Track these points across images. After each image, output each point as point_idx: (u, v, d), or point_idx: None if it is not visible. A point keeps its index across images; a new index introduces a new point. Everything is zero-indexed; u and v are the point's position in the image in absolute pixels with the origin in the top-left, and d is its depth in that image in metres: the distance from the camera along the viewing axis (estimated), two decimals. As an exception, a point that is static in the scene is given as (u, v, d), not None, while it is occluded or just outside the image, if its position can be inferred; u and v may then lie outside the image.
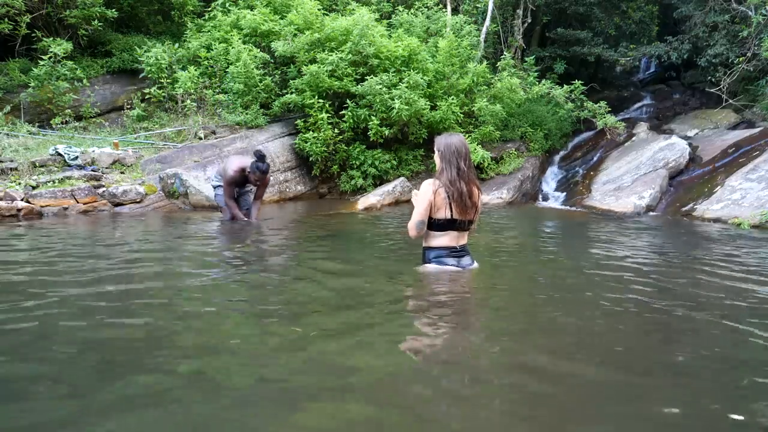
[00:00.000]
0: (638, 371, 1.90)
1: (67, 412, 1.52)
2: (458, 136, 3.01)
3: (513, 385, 1.75)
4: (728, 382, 1.83)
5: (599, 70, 15.28)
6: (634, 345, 2.19)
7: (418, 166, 9.39)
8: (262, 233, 4.97)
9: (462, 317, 2.49)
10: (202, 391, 1.67)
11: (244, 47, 8.63)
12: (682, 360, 2.02)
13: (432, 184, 2.88)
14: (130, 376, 1.76)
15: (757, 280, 3.37)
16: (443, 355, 2.01)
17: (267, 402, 1.61)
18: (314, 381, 1.73)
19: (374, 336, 2.15)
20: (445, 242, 2.99)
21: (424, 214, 2.91)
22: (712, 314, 2.58)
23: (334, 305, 2.59)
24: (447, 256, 3.00)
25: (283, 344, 2.06)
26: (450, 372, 1.84)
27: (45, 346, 2.02)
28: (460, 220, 2.94)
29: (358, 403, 1.59)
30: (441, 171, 2.92)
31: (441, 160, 2.94)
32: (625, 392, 1.72)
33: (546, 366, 1.89)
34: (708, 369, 1.93)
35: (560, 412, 1.57)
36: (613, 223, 6.55)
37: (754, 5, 9.91)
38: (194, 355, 1.98)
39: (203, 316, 2.42)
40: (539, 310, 2.63)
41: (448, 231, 2.96)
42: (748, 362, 2.02)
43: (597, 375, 1.85)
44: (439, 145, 2.97)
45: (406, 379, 1.77)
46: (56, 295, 2.69)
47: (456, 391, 1.68)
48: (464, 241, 3.06)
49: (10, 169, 6.48)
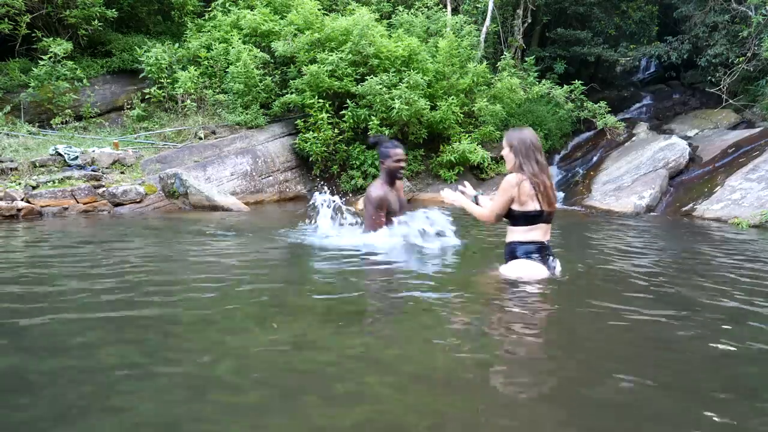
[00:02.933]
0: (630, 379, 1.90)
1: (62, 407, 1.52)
2: (529, 129, 3.02)
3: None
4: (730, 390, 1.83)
5: (599, 70, 15.27)
6: (633, 348, 2.19)
7: (418, 166, 9.39)
8: (265, 233, 4.97)
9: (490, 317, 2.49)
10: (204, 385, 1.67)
11: (244, 47, 8.62)
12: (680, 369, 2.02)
13: (515, 177, 2.87)
14: (129, 374, 1.76)
15: (758, 279, 3.37)
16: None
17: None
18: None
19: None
20: (536, 236, 2.96)
21: (503, 208, 2.93)
22: (713, 316, 2.58)
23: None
24: (536, 251, 2.97)
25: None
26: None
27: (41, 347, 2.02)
28: (548, 212, 2.93)
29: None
30: (518, 166, 2.91)
31: (516, 155, 2.92)
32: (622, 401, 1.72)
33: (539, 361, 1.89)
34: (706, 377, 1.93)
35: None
36: (613, 222, 6.55)
37: (754, 5, 9.90)
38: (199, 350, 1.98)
39: (207, 316, 2.42)
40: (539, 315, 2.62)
41: (538, 224, 2.94)
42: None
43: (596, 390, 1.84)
44: (512, 140, 2.95)
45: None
46: (55, 295, 2.69)
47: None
48: (549, 236, 3.05)
49: (10, 169, 6.48)
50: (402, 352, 2.05)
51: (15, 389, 1.66)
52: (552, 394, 1.71)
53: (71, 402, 1.58)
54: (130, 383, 1.71)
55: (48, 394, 1.62)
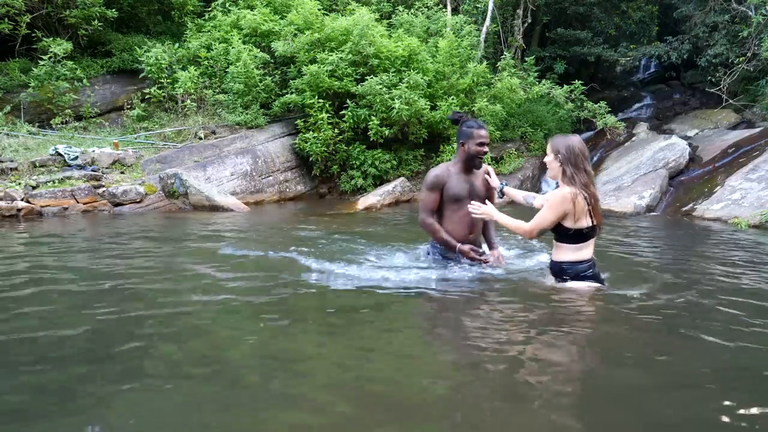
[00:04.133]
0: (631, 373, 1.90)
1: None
2: (576, 137, 2.75)
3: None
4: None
5: (599, 70, 15.26)
6: (633, 348, 2.19)
7: (418, 166, 9.39)
8: (267, 233, 4.97)
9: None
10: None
11: (244, 47, 8.62)
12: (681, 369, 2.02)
13: (569, 192, 2.59)
14: (130, 372, 1.76)
15: (758, 280, 3.37)
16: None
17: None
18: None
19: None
20: (587, 255, 2.74)
21: (552, 224, 2.67)
22: (714, 317, 2.58)
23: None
24: (589, 269, 2.76)
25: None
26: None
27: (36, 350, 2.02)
28: (599, 225, 2.71)
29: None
30: (570, 176, 2.62)
31: (565, 164, 2.64)
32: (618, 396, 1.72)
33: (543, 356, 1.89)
34: (708, 376, 1.93)
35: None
36: (613, 223, 6.55)
37: (754, 5, 9.90)
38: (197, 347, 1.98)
39: (211, 316, 2.42)
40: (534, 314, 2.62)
41: (589, 241, 2.72)
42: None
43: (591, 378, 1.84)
44: (559, 148, 2.67)
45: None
46: (53, 294, 2.69)
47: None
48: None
49: (10, 169, 6.48)
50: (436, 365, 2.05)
51: (7, 390, 1.66)
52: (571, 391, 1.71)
53: (68, 400, 1.58)
54: (126, 383, 1.71)
55: (44, 391, 1.62)
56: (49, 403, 1.57)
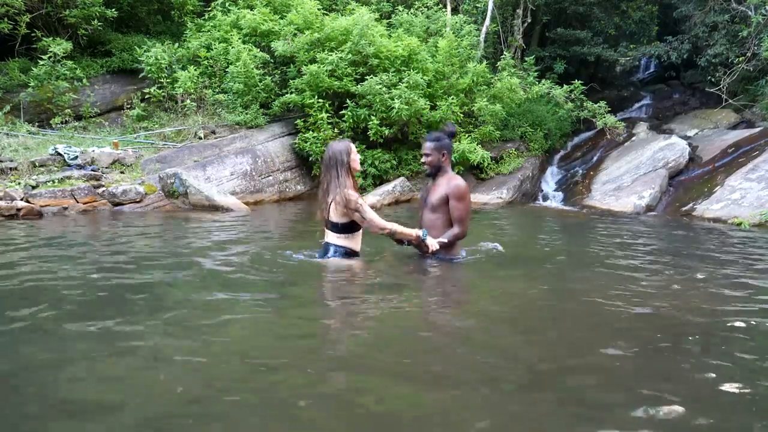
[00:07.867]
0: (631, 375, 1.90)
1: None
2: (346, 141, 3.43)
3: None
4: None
5: (599, 70, 15.26)
6: (631, 349, 2.19)
7: (418, 165, 9.38)
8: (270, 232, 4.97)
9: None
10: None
11: (244, 47, 8.62)
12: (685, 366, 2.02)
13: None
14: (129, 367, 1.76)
15: (759, 279, 3.37)
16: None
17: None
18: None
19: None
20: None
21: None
22: (714, 317, 2.58)
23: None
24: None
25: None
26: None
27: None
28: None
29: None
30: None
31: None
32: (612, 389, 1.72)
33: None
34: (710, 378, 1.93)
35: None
36: (613, 222, 6.55)
37: (754, 5, 9.90)
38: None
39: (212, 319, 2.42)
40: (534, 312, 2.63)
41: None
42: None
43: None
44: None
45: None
46: (52, 295, 2.69)
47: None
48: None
49: (9, 169, 6.48)
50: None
51: (4, 390, 1.66)
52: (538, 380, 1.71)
53: (65, 399, 1.58)
54: (125, 381, 1.71)
55: (41, 392, 1.62)
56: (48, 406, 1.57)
